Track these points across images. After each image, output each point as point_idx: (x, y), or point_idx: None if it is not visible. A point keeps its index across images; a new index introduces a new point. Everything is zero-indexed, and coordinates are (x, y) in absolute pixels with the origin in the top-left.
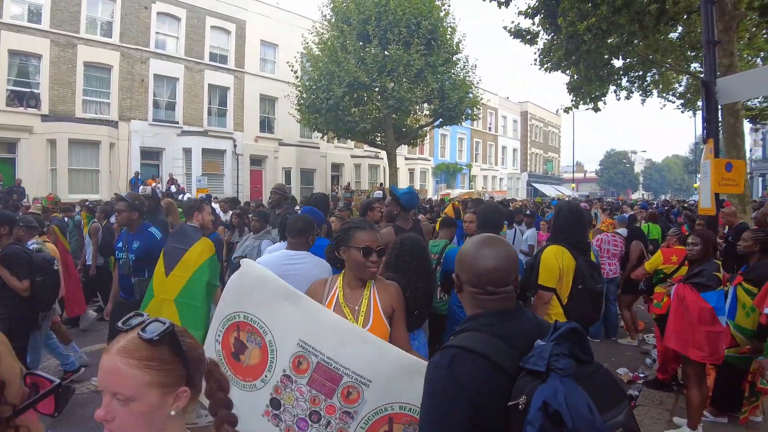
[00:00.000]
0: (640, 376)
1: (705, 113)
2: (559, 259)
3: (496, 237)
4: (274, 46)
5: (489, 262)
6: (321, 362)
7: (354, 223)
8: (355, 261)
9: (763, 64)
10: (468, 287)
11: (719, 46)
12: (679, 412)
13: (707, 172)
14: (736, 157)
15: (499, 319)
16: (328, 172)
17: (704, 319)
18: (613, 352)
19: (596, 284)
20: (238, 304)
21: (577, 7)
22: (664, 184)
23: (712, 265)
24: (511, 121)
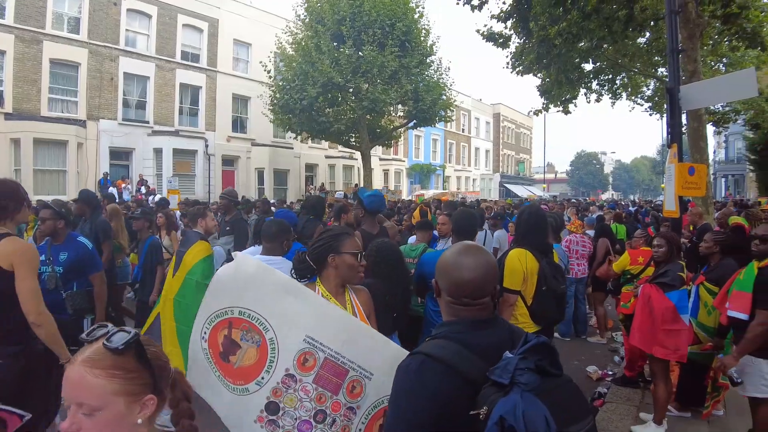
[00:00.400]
0: (609, 374)
1: (669, 119)
2: (522, 261)
3: (477, 247)
4: (247, 46)
5: (467, 274)
6: (329, 357)
7: (340, 230)
8: (349, 266)
9: (726, 70)
10: (446, 296)
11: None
12: (645, 407)
13: (671, 176)
14: (700, 159)
15: (472, 328)
16: (302, 173)
17: (667, 317)
18: (582, 350)
19: (559, 285)
20: (233, 298)
21: (548, 12)
22: (632, 184)
23: (677, 265)
24: (484, 122)
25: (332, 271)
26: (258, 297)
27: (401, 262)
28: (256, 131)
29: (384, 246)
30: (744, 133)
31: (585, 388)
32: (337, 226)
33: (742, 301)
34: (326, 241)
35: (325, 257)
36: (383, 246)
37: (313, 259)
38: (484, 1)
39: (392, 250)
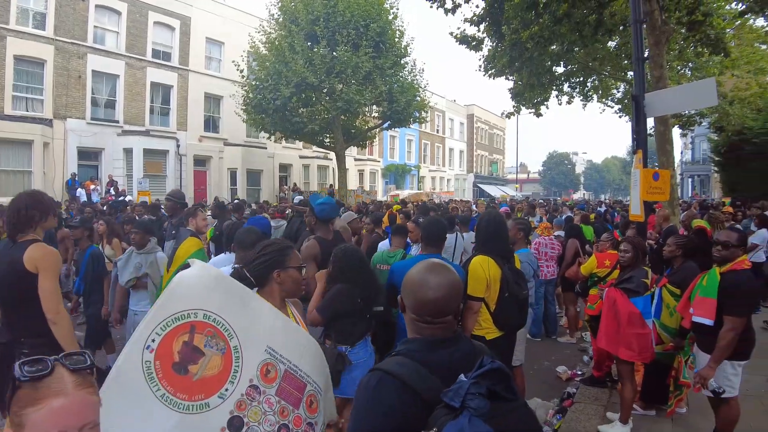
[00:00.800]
0: (578, 374)
1: (635, 125)
2: (485, 268)
3: (442, 266)
4: (220, 44)
5: (431, 293)
6: (288, 370)
7: (283, 243)
8: (295, 281)
9: (691, 74)
10: (410, 313)
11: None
12: (612, 407)
13: (637, 181)
14: (666, 162)
15: (433, 347)
16: (276, 173)
17: (633, 322)
18: (553, 350)
19: (521, 291)
20: (198, 300)
21: (521, 16)
22: (603, 184)
23: (641, 271)
24: (458, 123)
25: (276, 286)
26: (223, 302)
27: (365, 265)
28: (228, 131)
29: (347, 251)
30: (709, 135)
31: (555, 388)
32: (278, 239)
33: (706, 306)
34: (271, 255)
35: (269, 273)
36: (346, 251)
37: (256, 274)
38: (457, 5)
39: (355, 253)
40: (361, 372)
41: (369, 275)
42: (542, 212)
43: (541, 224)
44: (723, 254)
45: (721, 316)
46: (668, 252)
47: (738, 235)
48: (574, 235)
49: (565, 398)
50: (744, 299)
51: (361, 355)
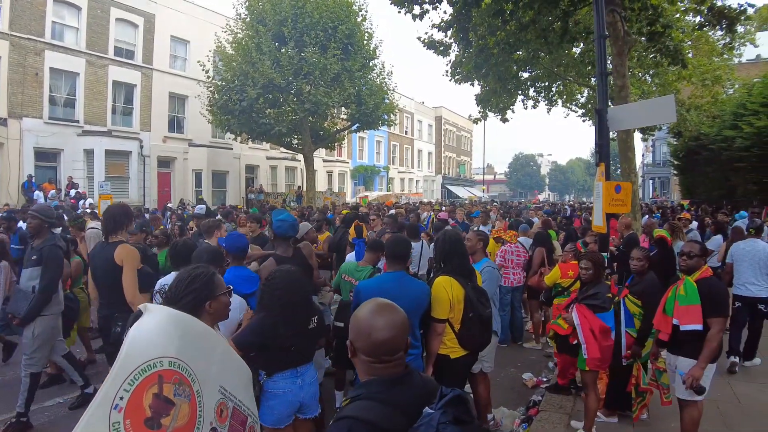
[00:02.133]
0: (544, 381)
1: (597, 139)
2: (448, 289)
3: (389, 305)
4: (185, 43)
5: (384, 333)
6: (236, 407)
7: (207, 270)
8: (225, 306)
9: (652, 81)
10: (363, 356)
11: (614, 68)
12: (576, 415)
13: (600, 194)
14: (628, 169)
15: (390, 386)
16: (242, 174)
17: (605, 336)
18: (519, 356)
19: (485, 309)
20: (159, 347)
21: (488, 22)
22: (568, 185)
23: (604, 286)
24: (427, 125)
25: (208, 317)
26: (182, 345)
27: (294, 294)
28: (193, 131)
29: (280, 274)
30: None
31: (521, 395)
32: (201, 265)
33: (693, 314)
34: (202, 286)
35: (202, 306)
36: (279, 274)
37: (188, 308)
38: (425, 11)
39: (289, 276)
40: (279, 403)
41: (298, 305)
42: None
43: (509, 232)
44: (689, 264)
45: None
46: (639, 267)
47: (700, 246)
48: (542, 244)
49: (531, 407)
50: (722, 301)
51: (281, 386)
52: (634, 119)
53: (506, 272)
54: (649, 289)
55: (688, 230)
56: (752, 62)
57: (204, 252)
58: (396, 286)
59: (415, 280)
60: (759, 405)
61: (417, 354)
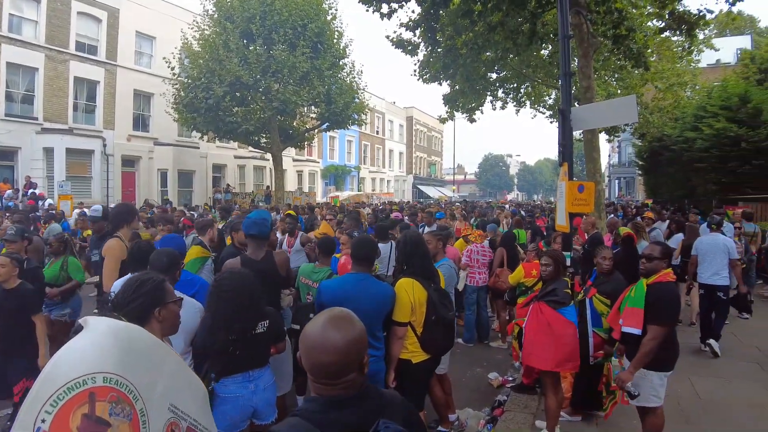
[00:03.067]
0: (509, 380)
1: (561, 139)
2: (410, 292)
3: (344, 319)
4: (151, 39)
5: (326, 357)
6: (191, 427)
7: (156, 276)
8: (176, 315)
9: (616, 83)
10: (308, 373)
11: (579, 69)
12: (540, 414)
13: (563, 193)
14: (593, 169)
15: (331, 408)
16: (209, 174)
17: (567, 333)
18: (485, 356)
19: (448, 312)
20: (93, 363)
21: (456, 23)
22: (536, 185)
23: (563, 283)
24: (398, 125)
25: (157, 325)
26: (124, 359)
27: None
28: (159, 130)
29: (231, 276)
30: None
31: (487, 395)
32: (148, 271)
33: (635, 317)
34: (150, 292)
35: (149, 313)
36: (229, 277)
37: (134, 316)
38: (393, 10)
39: (240, 279)
40: (231, 408)
41: (242, 309)
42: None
43: (474, 231)
44: (647, 267)
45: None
46: (607, 267)
47: (660, 249)
48: (504, 244)
49: (496, 407)
50: (666, 310)
51: (232, 390)
52: (596, 119)
53: (472, 272)
54: (620, 288)
55: (651, 229)
56: (712, 67)
57: (164, 255)
58: (358, 287)
59: (379, 282)
60: (718, 401)
61: (379, 356)
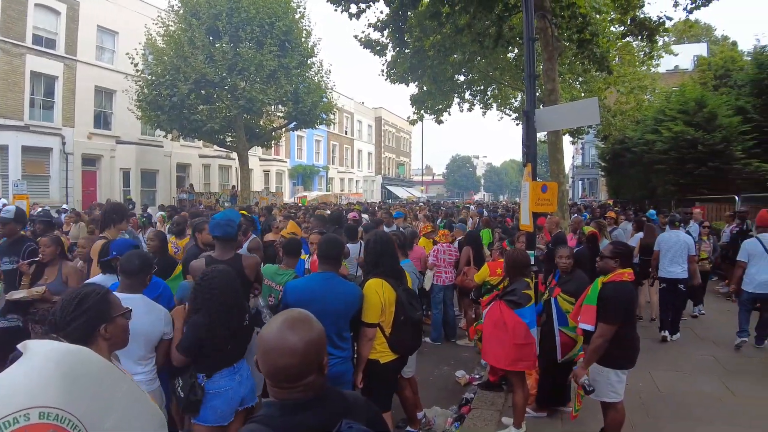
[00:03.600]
0: (476, 378)
1: (525, 140)
2: (380, 293)
3: (302, 321)
4: (113, 34)
5: (286, 360)
6: None
7: (99, 291)
8: (124, 329)
9: (580, 87)
10: (266, 377)
11: (544, 72)
12: (507, 411)
13: (527, 193)
14: (557, 170)
15: (289, 412)
16: (173, 173)
17: (519, 333)
18: (452, 354)
19: (415, 312)
20: (27, 397)
21: (424, 24)
22: (502, 185)
23: (522, 283)
24: (366, 125)
25: (104, 343)
26: (68, 390)
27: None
28: (121, 128)
29: (214, 273)
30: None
31: (454, 393)
32: (89, 283)
33: (589, 314)
34: (94, 307)
35: (95, 330)
36: (212, 273)
37: (77, 336)
38: (361, 10)
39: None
40: (222, 402)
41: (233, 306)
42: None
43: (440, 231)
44: (600, 265)
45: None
46: (567, 265)
47: (611, 248)
48: (470, 243)
49: (463, 404)
50: (615, 309)
51: (222, 385)
52: (559, 121)
53: (438, 271)
54: (583, 286)
55: (612, 228)
56: (671, 72)
57: (135, 257)
58: (325, 287)
59: (346, 281)
60: (678, 394)
61: (346, 357)
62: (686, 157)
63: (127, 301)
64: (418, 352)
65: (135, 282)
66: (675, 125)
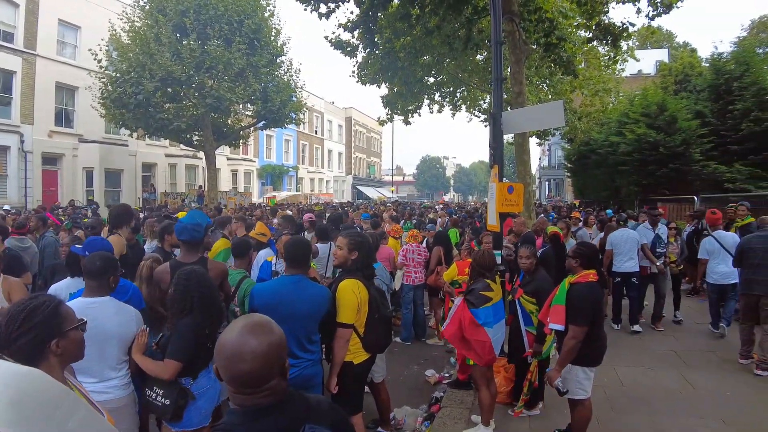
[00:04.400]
0: (446, 377)
1: (492, 141)
2: (356, 293)
3: (261, 326)
4: (75, 28)
5: (247, 365)
6: None
7: (49, 302)
8: (78, 343)
9: (547, 90)
10: (226, 384)
11: (511, 75)
12: (476, 409)
13: (493, 194)
14: (524, 171)
15: (255, 417)
16: (139, 173)
17: (471, 330)
18: (422, 354)
19: (386, 309)
20: None
21: (394, 26)
22: (471, 186)
23: (482, 284)
24: (337, 125)
25: (54, 360)
26: (11, 415)
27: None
28: (84, 126)
29: (189, 273)
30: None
31: (424, 392)
32: (39, 294)
33: (558, 314)
34: (43, 322)
35: (45, 347)
36: (188, 273)
37: (24, 355)
38: (331, 10)
39: (199, 276)
40: (206, 401)
41: (210, 304)
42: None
43: (410, 231)
44: (566, 265)
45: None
46: (528, 265)
47: (574, 249)
48: (440, 243)
49: (433, 403)
50: (583, 310)
51: (203, 383)
52: (526, 123)
53: (408, 271)
54: (542, 286)
55: (577, 229)
56: (634, 76)
57: (97, 258)
58: (292, 290)
59: (315, 284)
60: (641, 388)
61: (315, 360)
62: (648, 158)
63: (94, 304)
64: (388, 351)
65: (100, 284)
66: (638, 128)
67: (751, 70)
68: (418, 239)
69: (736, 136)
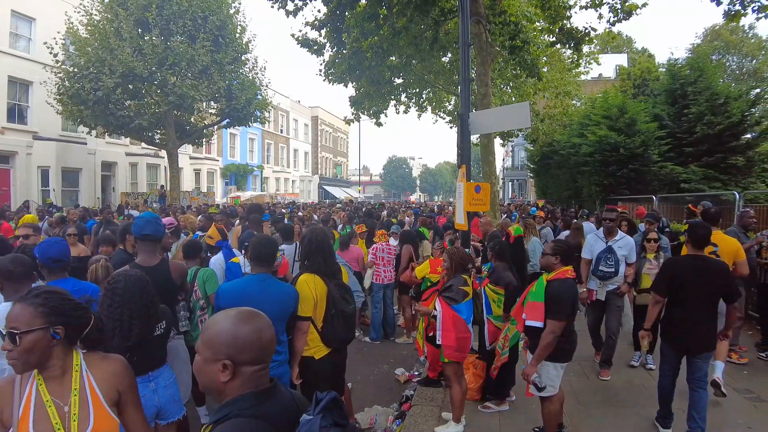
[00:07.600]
0: (415, 375)
1: (460, 142)
2: (312, 287)
3: (250, 312)
4: (29, 20)
5: (270, 332)
6: None
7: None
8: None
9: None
10: (249, 367)
11: (477, 77)
12: (447, 406)
13: (461, 194)
14: (489, 171)
15: (262, 398)
16: (98, 172)
17: (460, 328)
18: (392, 353)
19: (348, 306)
20: None
21: (361, 25)
22: (437, 186)
23: (459, 279)
24: (303, 124)
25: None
26: None
27: (143, 293)
28: (39, 122)
29: (123, 278)
30: (526, 146)
31: (395, 391)
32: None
33: (536, 311)
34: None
35: None
36: (122, 278)
37: None
38: (298, 8)
39: (134, 281)
40: None
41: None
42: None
43: (378, 231)
44: (542, 262)
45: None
46: (489, 258)
47: (551, 246)
48: (409, 241)
49: (404, 402)
50: (562, 305)
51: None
52: (493, 124)
53: (378, 270)
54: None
55: (541, 227)
56: (595, 80)
57: (9, 261)
58: (259, 289)
59: (281, 282)
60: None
61: (282, 360)
62: (609, 159)
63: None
64: (356, 351)
65: (20, 287)
66: (599, 130)
67: (704, 76)
68: (386, 239)
69: (691, 139)
